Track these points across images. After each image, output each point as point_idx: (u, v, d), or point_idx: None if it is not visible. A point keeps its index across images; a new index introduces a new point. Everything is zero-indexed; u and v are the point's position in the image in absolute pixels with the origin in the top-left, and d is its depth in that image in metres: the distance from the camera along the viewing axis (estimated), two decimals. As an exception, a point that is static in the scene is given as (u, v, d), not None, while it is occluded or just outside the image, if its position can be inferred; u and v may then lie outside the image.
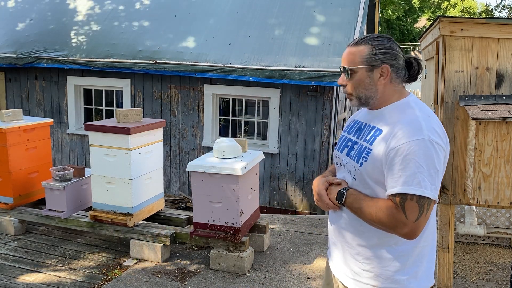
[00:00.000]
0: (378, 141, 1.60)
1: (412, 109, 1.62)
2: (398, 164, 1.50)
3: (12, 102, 8.02)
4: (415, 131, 1.51)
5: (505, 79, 2.68)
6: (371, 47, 1.64)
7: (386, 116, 1.65)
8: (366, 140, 1.65)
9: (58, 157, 7.86)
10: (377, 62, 1.63)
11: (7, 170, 4.59)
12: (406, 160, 1.49)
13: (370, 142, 1.63)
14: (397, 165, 1.50)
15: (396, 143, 1.52)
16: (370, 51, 1.63)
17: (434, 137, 1.51)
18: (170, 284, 3.76)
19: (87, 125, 4.23)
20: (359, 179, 1.65)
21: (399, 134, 1.53)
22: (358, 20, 6.68)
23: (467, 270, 4.05)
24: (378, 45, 1.64)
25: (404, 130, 1.53)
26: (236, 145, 4.11)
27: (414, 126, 1.53)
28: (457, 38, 2.67)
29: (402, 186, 1.49)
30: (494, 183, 2.52)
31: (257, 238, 4.42)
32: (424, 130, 1.52)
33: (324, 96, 6.46)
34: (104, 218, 4.30)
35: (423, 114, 1.58)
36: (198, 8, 7.54)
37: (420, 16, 31.50)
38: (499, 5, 23.80)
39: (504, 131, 2.48)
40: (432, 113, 1.64)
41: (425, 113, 1.60)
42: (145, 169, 4.35)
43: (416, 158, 1.48)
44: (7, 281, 3.79)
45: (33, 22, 8.00)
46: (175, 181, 7.29)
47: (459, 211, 4.54)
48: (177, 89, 7.09)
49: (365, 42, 1.65)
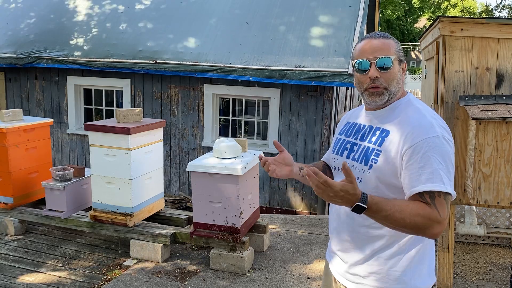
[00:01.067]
0: (388, 142, 1.57)
1: (416, 108, 1.61)
2: (417, 162, 1.48)
3: (12, 102, 8.02)
4: (428, 129, 1.51)
5: (505, 79, 2.68)
6: (395, 42, 1.63)
7: (390, 115, 1.63)
8: (372, 142, 1.62)
9: (58, 157, 7.86)
10: (403, 58, 1.64)
11: (7, 170, 4.59)
12: (425, 158, 1.47)
13: (378, 143, 1.60)
14: (416, 163, 1.48)
15: (411, 142, 1.50)
16: (397, 45, 1.63)
17: (446, 134, 1.52)
18: (170, 284, 3.76)
19: (87, 125, 4.23)
20: (366, 182, 1.60)
21: (412, 133, 1.52)
22: (358, 20, 6.67)
23: (467, 270, 4.05)
24: (398, 41, 1.66)
25: (417, 129, 1.52)
26: (236, 145, 4.11)
27: (426, 124, 1.52)
28: (457, 38, 2.67)
29: (426, 183, 1.45)
30: (494, 183, 2.52)
31: (257, 238, 4.41)
32: (436, 128, 1.52)
33: (324, 96, 6.46)
34: (104, 218, 4.30)
35: (429, 112, 1.59)
36: (198, 8, 7.54)
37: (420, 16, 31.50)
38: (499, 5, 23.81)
39: (504, 131, 2.48)
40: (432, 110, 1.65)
41: (429, 111, 1.60)
42: (145, 169, 4.35)
43: (436, 155, 1.47)
44: (7, 281, 3.79)
45: (33, 22, 8.00)
46: (175, 181, 7.29)
47: (459, 211, 4.54)
48: (177, 89, 7.09)
49: (388, 37, 1.63)
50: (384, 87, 1.59)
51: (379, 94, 1.60)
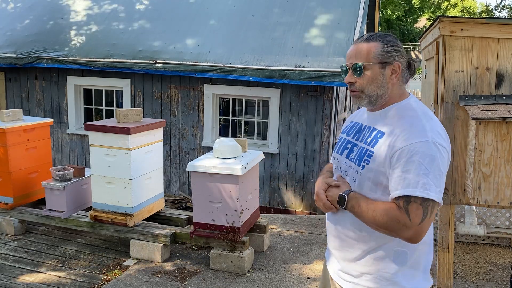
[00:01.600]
0: (380, 143, 1.58)
1: (414, 111, 1.60)
2: (402, 166, 1.48)
3: (12, 102, 8.02)
4: (418, 133, 1.50)
5: (505, 79, 2.68)
6: (382, 44, 1.62)
7: (388, 117, 1.63)
8: (367, 143, 1.63)
9: (58, 157, 7.86)
10: (389, 59, 1.61)
11: (7, 170, 4.59)
12: (410, 162, 1.47)
13: (371, 144, 1.61)
14: (401, 167, 1.48)
15: (400, 145, 1.50)
16: (383, 47, 1.61)
17: (438, 139, 1.50)
18: (170, 284, 3.76)
19: (87, 125, 4.23)
20: (360, 182, 1.62)
21: (402, 136, 1.52)
22: (358, 20, 6.67)
23: (467, 270, 4.04)
24: (390, 42, 1.63)
25: (408, 132, 1.52)
26: (236, 145, 4.11)
27: (418, 128, 1.52)
28: (457, 38, 2.67)
29: (406, 188, 1.46)
30: (494, 183, 2.52)
31: (257, 238, 4.41)
32: (428, 132, 1.50)
33: (324, 96, 6.46)
34: (104, 218, 4.30)
35: (425, 116, 1.57)
36: (198, 8, 7.54)
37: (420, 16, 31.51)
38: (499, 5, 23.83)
39: (504, 131, 2.48)
40: (433, 115, 1.63)
41: (427, 115, 1.58)
42: (145, 169, 4.35)
43: (421, 160, 1.46)
44: (7, 281, 3.79)
45: (33, 22, 7.99)
46: (175, 181, 7.29)
47: (459, 211, 4.53)
48: (177, 89, 7.09)
49: (376, 39, 1.63)
50: (360, 90, 1.64)
51: (357, 97, 1.67)
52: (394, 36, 1.67)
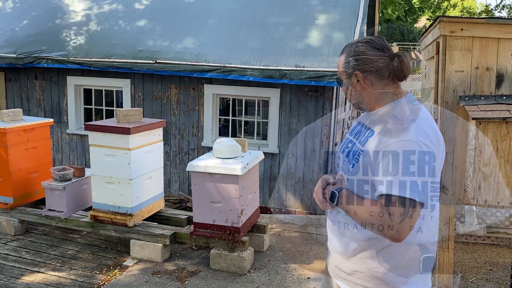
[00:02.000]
0: (369, 142, 1.60)
1: (403, 110, 1.61)
2: (385, 164, 1.50)
3: (12, 102, 8.02)
4: (403, 132, 1.51)
5: (505, 79, 2.68)
6: (345, 55, 1.69)
7: (380, 117, 1.65)
8: (361, 142, 1.66)
9: (58, 157, 7.86)
10: (350, 70, 1.67)
11: (7, 170, 4.59)
12: (392, 161, 1.48)
13: (363, 143, 1.63)
14: (383, 166, 1.50)
15: (384, 143, 1.52)
16: (345, 59, 1.69)
17: (421, 138, 1.49)
18: (170, 284, 3.76)
19: (87, 125, 4.23)
20: (352, 181, 1.65)
21: (388, 135, 1.54)
22: (358, 20, 6.67)
23: (467, 270, 4.04)
24: (350, 52, 1.67)
25: (393, 131, 1.53)
26: (236, 145, 4.11)
27: (403, 127, 1.53)
28: (457, 38, 2.67)
29: (387, 187, 1.48)
30: (494, 183, 2.52)
31: (257, 238, 4.41)
32: (413, 131, 1.51)
33: (324, 96, 6.46)
34: (104, 218, 4.30)
35: (414, 115, 1.58)
36: (198, 8, 7.54)
37: (420, 16, 31.52)
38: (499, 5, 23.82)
39: (504, 131, 2.48)
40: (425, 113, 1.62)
41: (417, 114, 1.58)
42: (145, 169, 4.35)
43: (402, 159, 1.47)
44: (7, 281, 3.79)
45: (33, 22, 7.99)
46: (175, 181, 7.29)
47: (459, 211, 4.53)
48: (177, 89, 7.09)
49: (343, 51, 1.72)
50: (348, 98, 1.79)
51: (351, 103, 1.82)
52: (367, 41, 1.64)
